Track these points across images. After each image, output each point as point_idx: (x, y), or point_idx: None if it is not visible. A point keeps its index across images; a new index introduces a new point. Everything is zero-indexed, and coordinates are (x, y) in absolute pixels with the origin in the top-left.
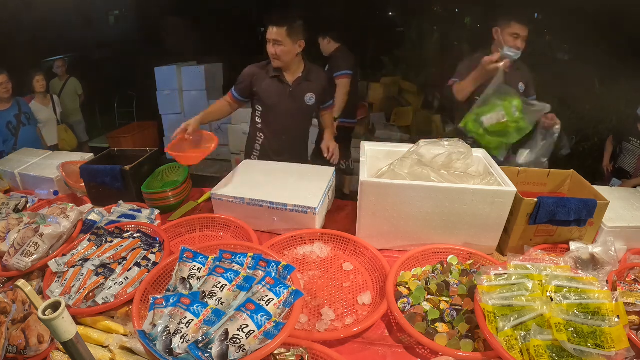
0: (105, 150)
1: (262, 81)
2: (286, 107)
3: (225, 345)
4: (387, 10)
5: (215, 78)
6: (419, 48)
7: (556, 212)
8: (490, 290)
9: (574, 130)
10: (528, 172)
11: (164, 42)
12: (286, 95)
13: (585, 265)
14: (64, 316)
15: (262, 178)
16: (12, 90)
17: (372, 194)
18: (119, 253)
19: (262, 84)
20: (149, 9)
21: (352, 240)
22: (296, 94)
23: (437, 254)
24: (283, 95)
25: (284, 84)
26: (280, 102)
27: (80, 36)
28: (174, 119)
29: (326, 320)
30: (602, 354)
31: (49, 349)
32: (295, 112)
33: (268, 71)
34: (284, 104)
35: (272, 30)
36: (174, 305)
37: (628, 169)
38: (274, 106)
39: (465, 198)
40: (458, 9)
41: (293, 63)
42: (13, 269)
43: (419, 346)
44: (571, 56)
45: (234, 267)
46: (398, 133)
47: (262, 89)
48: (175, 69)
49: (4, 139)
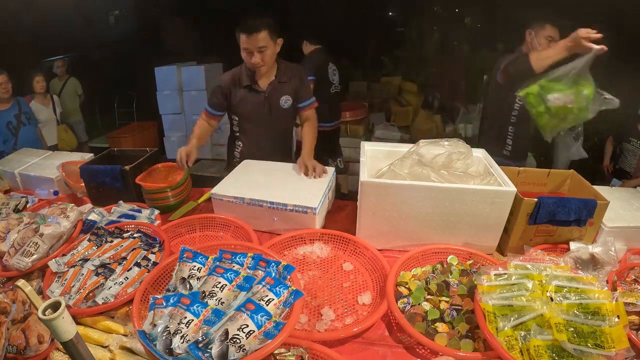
0: (105, 150)
1: (235, 92)
2: (262, 114)
3: (225, 345)
4: (387, 10)
5: (215, 78)
6: (419, 48)
7: (556, 212)
8: (490, 290)
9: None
10: (528, 172)
11: (164, 42)
12: (261, 102)
13: (585, 265)
14: (64, 316)
15: (262, 178)
16: (12, 90)
17: (372, 194)
18: (119, 253)
19: (236, 95)
20: (149, 9)
21: (352, 240)
22: (271, 99)
23: (437, 254)
24: (258, 103)
25: (257, 92)
26: (255, 110)
27: (80, 36)
28: (174, 119)
29: (326, 320)
30: (602, 354)
31: (49, 349)
32: (272, 117)
33: (240, 81)
34: (260, 110)
35: (257, 36)
36: (174, 305)
37: (628, 170)
38: (249, 115)
39: (465, 198)
40: (458, 9)
41: (272, 65)
42: (13, 269)
43: (419, 346)
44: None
45: (234, 267)
46: (398, 133)
47: (236, 99)
48: (175, 69)
49: (4, 139)
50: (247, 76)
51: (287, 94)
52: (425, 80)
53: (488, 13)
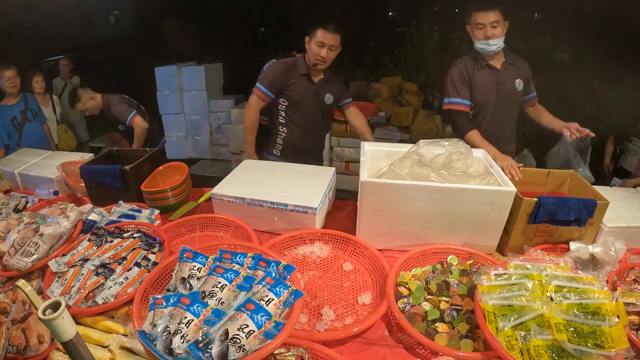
0: (105, 150)
1: (293, 78)
2: (310, 104)
3: (225, 345)
4: (387, 10)
5: (215, 78)
6: (419, 48)
7: (556, 212)
8: (490, 290)
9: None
10: (528, 172)
11: (164, 42)
12: (311, 93)
13: (585, 265)
14: (64, 316)
15: (263, 178)
16: (20, 86)
17: (372, 194)
18: (119, 253)
19: (293, 81)
20: (149, 9)
21: (352, 240)
22: (319, 93)
23: (437, 254)
24: (309, 93)
25: (311, 82)
26: (305, 99)
27: (80, 36)
28: (174, 119)
29: (326, 320)
30: (602, 354)
31: (49, 349)
32: (317, 109)
33: (298, 70)
34: (309, 101)
35: (334, 36)
36: (174, 305)
37: (629, 169)
38: (299, 102)
39: (465, 198)
40: (458, 9)
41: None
42: (13, 269)
43: (419, 346)
44: (571, 56)
45: (234, 267)
46: (398, 133)
47: (292, 86)
48: (175, 69)
49: (8, 133)
50: (304, 66)
51: (331, 93)
52: (425, 80)
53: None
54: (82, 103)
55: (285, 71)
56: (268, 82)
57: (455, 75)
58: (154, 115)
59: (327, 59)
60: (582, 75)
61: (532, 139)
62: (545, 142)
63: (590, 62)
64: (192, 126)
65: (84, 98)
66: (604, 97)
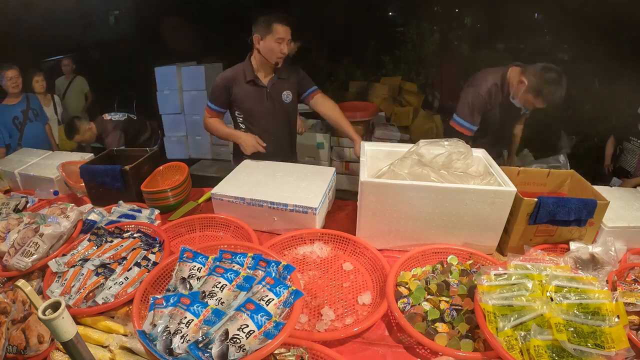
0: (105, 150)
1: (237, 88)
2: (266, 110)
3: (225, 345)
4: (387, 10)
5: (215, 78)
6: (419, 48)
7: (556, 212)
8: (490, 290)
9: (574, 130)
10: (528, 172)
11: (164, 42)
12: (264, 97)
13: (585, 265)
14: (64, 316)
15: (263, 178)
16: (22, 86)
17: (372, 194)
18: (119, 253)
19: (239, 91)
20: (149, 9)
21: (352, 240)
22: (273, 95)
23: (437, 254)
24: (261, 99)
25: (260, 86)
26: (259, 106)
27: (80, 36)
28: (174, 119)
29: (326, 320)
30: (602, 354)
31: (49, 349)
32: (275, 112)
33: (244, 76)
34: (264, 106)
35: (289, 29)
36: (174, 305)
37: (629, 169)
38: (253, 110)
39: (465, 198)
40: (458, 9)
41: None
42: (13, 269)
43: (419, 346)
44: (571, 56)
45: (234, 267)
46: (398, 133)
47: (239, 95)
48: (175, 69)
49: (9, 133)
50: (250, 72)
51: (288, 89)
52: (425, 80)
53: (488, 13)
54: (80, 135)
55: (224, 84)
56: (212, 98)
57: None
58: (154, 115)
59: (287, 53)
60: (582, 75)
61: (532, 139)
62: (544, 137)
63: (590, 62)
64: (192, 126)
65: (82, 129)
66: (604, 97)
